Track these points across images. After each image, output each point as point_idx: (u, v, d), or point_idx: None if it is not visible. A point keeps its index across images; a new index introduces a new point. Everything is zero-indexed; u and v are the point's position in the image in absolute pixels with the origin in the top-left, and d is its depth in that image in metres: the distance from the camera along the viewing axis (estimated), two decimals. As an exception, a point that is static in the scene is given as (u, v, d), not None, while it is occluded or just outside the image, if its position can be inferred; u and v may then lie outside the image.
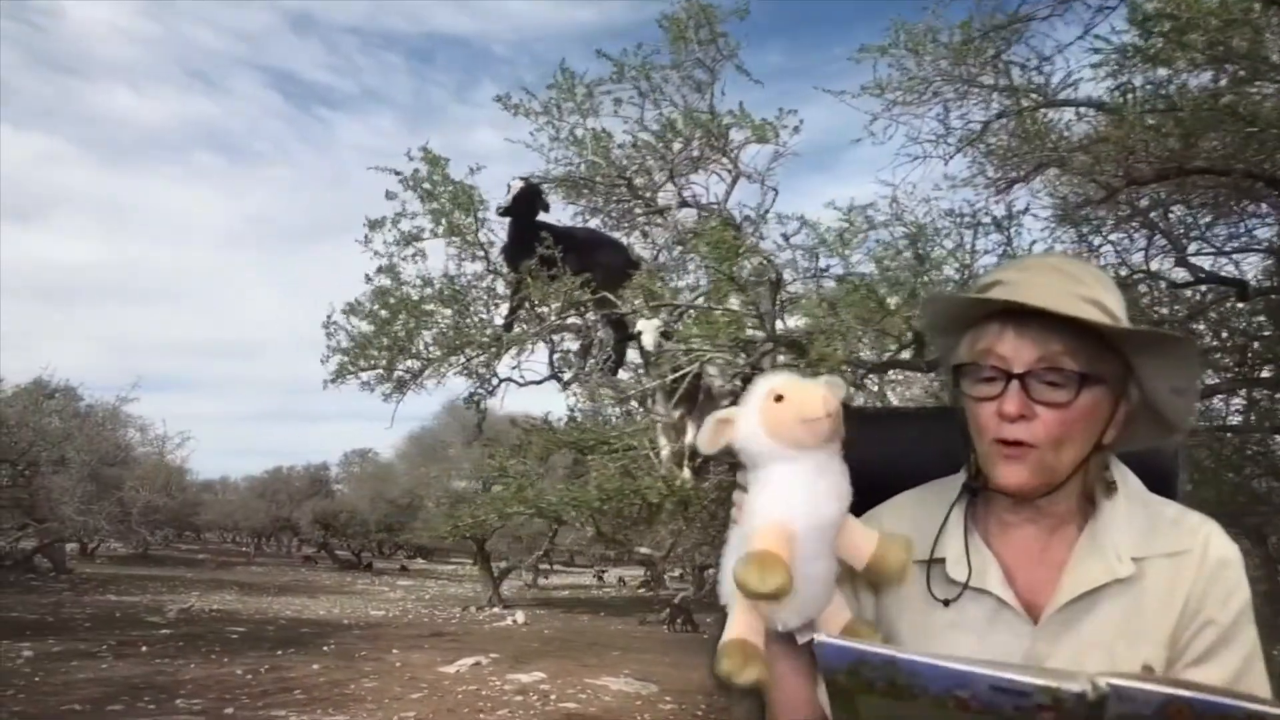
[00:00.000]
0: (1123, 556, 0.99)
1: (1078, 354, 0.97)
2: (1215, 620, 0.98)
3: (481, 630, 15.11)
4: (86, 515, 12.15)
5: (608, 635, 15.34)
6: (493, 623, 16.16)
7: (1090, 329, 0.97)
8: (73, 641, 11.14)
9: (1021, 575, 1.03)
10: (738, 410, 1.07)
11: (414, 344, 4.16)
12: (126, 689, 8.71)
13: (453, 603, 19.37)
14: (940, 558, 1.06)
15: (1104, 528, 1.02)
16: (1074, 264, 1.04)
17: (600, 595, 24.47)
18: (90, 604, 14.65)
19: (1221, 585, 0.99)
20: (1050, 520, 1.04)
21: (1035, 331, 0.97)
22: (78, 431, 11.76)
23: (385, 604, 18.59)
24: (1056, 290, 0.97)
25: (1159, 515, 1.03)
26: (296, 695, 8.98)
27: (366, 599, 19.54)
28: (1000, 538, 1.06)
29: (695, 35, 3.93)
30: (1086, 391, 0.97)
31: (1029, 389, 0.97)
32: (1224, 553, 1.00)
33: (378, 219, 4.49)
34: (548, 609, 19.06)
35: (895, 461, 1.23)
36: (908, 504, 1.14)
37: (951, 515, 1.07)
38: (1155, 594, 0.99)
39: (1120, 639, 0.97)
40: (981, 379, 1.01)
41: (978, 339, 1.02)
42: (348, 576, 25.05)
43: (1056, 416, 0.97)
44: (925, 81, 4.47)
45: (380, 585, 23.27)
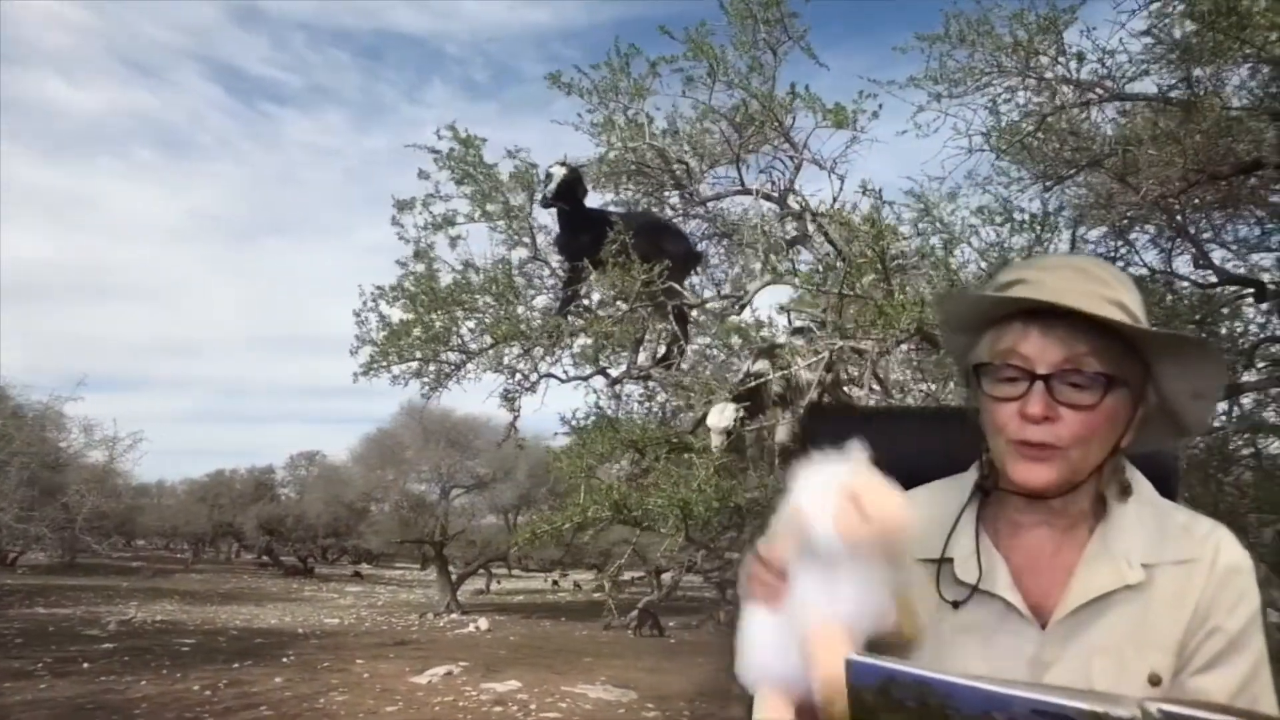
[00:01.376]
0: (1133, 563, 0.98)
1: (1102, 356, 0.95)
2: (1224, 628, 0.96)
3: (445, 638, 14.64)
4: (27, 523, 11.24)
5: (575, 641, 15.06)
6: (455, 630, 15.69)
7: (1113, 330, 0.95)
8: (3, 660, 10.26)
9: (1030, 578, 1.02)
10: (807, 500, 0.98)
11: (455, 334, 3.84)
12: (73, 711, 8.01)
13: (408, 609, 18.78)
14: (949, 558, 1.04)
15: (1115, 532, 1.00)
16: (1096, 264, 1.02)
17: (556, 600, 24.12)
18: (18, 618, 13.65)
19: (1231, 592, 0.98)
20: (1064, 521, 1.02)
21: (1060, 332, 0.95)
22: (15, 433, 10.87)
23: (338, 611, 17.90)
24: (1080, 290, 0.95)
25: (1169, 521, 1.02)
26: (264, 712, 8.44)
27: (317, 606, 18.78)
28: (1010, 539, 1.04)
29: (762, 14, 3.74)
30: (1111, 394, 0.96)
31: (1053, 390, 0.95)
32: (1234, 560, 0.99)
33: (407, 199, 4.17)
34: (506, 615, 18.63)
35: (899, 460, 1.16)
36: (914, 501, 1.07)
37: (963, 515, 1.06)
38: (1164, 602, 0.97)
39: (1128, 646, 0.96)
40: (1003, 379, 0.99)
41: (999, 338, 1.00)
42: (294, 583, 24.11)
43: (1081, 419, 0.95)
44: (980, 72, 4.37)
45: (329, 592, 22.45)
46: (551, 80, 3.96)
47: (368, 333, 3.88)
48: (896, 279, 2.90)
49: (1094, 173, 4.96)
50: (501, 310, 3.78)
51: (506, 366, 4.17)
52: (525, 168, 3.91)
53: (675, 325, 4.11)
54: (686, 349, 4.02)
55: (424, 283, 3.82)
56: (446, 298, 3.76)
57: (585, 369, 4.23)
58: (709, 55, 3.72)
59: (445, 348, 3.85)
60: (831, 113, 3.67)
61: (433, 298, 3.73)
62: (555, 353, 3.75)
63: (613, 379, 4.15)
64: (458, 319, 3.83)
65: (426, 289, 3.76)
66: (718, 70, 3.76)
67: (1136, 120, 4.53)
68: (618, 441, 3.55)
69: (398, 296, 3.85)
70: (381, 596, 21.78)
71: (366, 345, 3.87)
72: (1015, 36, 4.29)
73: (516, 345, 3.89)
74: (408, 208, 4.18)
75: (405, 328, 3.80)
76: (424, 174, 4.19)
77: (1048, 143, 4.52)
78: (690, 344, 4.05)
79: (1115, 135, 4.36)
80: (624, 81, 3.94)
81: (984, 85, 4.39)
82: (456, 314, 3.82)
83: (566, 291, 3.95)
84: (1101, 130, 4.58)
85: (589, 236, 3.81)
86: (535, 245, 4.07)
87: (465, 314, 3.86)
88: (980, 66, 4.43)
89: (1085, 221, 5.36)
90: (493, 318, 3.80)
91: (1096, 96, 4.21)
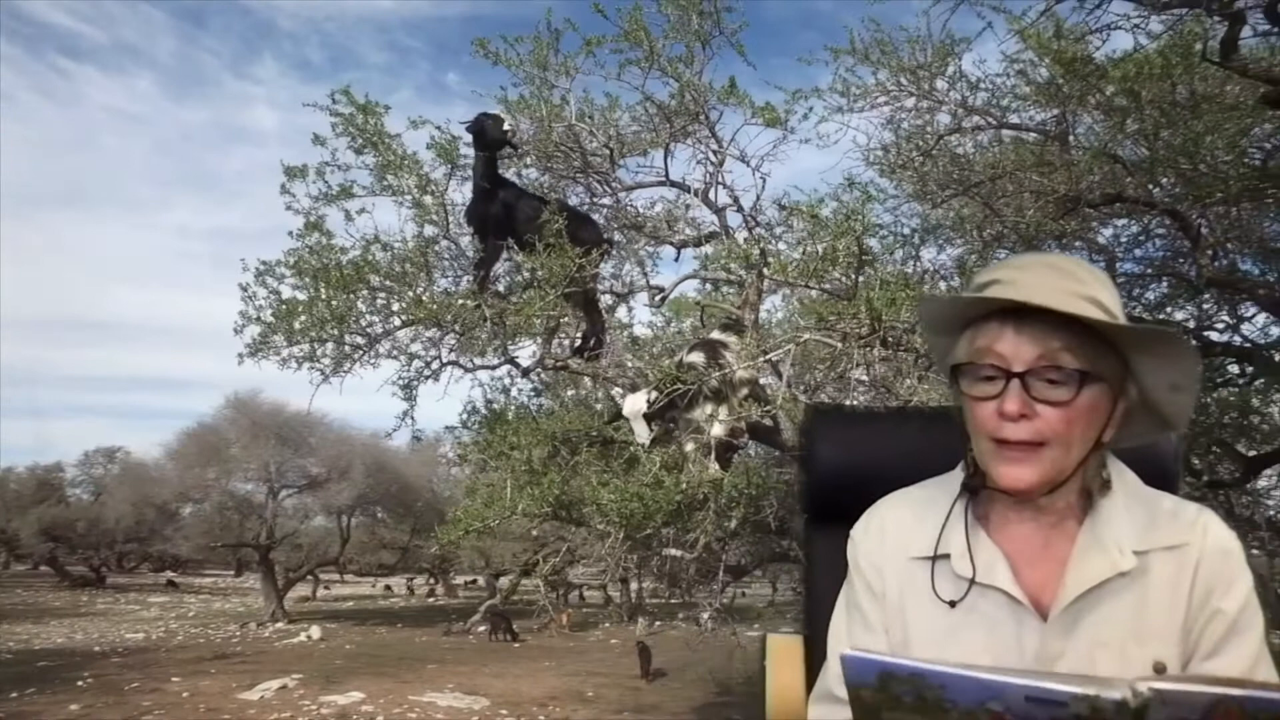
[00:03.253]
0: (1124, 550, 1.00)
1: (1077, 352, 0.97)
2: (1223, 610, 0.99)
3: (274, 649, 13.52)
4: None
5: (416, 648, 14.41)
6: (283, 639, 14.53)
7: (1089, 327, 0.98)
8: None
9: (1026, 571, 1.03)
10: None
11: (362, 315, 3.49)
12: None
13: (226, 619, 17.19)
14: (945, 554, 1.05)
15: (1104, 523, 1.02)
16: (1070, 262, 1.05)
17: (389, 605, 23.03)
18: None
19: (1225, 575, 1.00)
20: (1051, 517, 1.04)
21: (1034, 330, 0.97)
22: None
23: (142, 625, 16.06)
24: (1054, 288, 0.97)
25: (1156, 508, 1.04)
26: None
27: (115, 620, 16.75)
28: (1003, 532, 1.06)
29: (697, 5, 3.71)
30: (1087, 389, 0.97)
31: (1029, 387, 0.97)
32: (1224, 542, 1.01)
33: (297, 166, 3.76)
34: (338, 622, 17.54)
35: (894, 459, 1.26)
36: (908, 500, 1.13)
37: (954, 511, 1.07)
38: (1160, 588, 0.99)
39: (1129, 636, 0.98)
40: (981, 378, 1.00)
41: (976, 338, 1.02)
42: (83, 595, 21.36)
43: (1058, 414, 0.97)
44: (883, 89, 4.59)
45: (129, 604, 20.10)
46: (479, 46, 3.72)
47: (258, 309, 3.45)
48: (870, 270, 2.95)
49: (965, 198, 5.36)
50: (413, 291, 3.48)
51: (406, 352, 3.86)
52: (447, 140, 3.64)
53: (586, 314, 3.99)
54: (605, 339, 3.90)
55: (327, 256, 3.45)
56: (351, 275, 3.41)
57: (493, 357, 4.01)
58: (646, 40, 3.63)
59: (349, 329, 3.49)
60: (762, 111, 3.70)
61: (339, 274, 3.37)
62: (477, 338, 3.51)
63: (524, 368, 3.96)
64: (360, 299, 3.49)
65: (335, 264, 3.39)
66: (655, 57, 3.68)
67: (1011, 150, 4.93)
68: (539, 434, 3.38)
69: (300, 270, 3.44)
70: (192, 606, 19.80)
71: (253, 324, 3.44)
72: (916, 59, 4.55)
73: (423, 329, 3.61)
74: (299, 175, 3.78)
75: (306, 305, 3.41)
76: (319, 139, 3.81)
77: (930, 165, 4.85)
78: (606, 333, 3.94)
79: (989, 162, 4.75)
80: (552, 58, 3.79)
81: (880, 104, 4.64)
82: (360, 293, 3.48)
83: (480, 271, 3.71)
84: (976, 158, 4.98)
85: (504, 210, 3.60)
86: (447, 223, 3.80)
87: (370, 294, 3.53)
88: (884, 84, 4.65)
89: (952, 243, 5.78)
90: (406, 299, 3.49)
91: (987, 124, 4.54)
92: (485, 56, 3.75)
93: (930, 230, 5.56)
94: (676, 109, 3.90)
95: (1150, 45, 3.97)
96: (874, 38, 4.56)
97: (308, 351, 3.57)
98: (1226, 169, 4.42)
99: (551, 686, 10.99)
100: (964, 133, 4.78)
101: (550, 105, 3.90)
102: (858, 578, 1.11)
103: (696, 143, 4.03)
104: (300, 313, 3.47)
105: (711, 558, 3.85)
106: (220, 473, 16.22)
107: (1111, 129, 4.77)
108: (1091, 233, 5.69)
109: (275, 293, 3.54)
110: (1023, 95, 4.90)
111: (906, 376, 2.99)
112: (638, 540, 3.19)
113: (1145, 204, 4.35)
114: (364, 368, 3.65)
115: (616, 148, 4.06)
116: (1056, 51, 4.35)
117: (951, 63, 4.52)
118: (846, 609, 1.12)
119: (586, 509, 3.10)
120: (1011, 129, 4.72)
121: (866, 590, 1.10)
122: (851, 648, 1.02)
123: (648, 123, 3.99)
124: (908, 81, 4.66)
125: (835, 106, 4.84)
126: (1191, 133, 4.20)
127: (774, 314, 5.00)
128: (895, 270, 4.20)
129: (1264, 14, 3.51)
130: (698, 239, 4.26)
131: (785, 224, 3.91)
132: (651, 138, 3.99)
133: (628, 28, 3.68)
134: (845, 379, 3.82)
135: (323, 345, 3.55)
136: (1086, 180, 4.37)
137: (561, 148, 4.02)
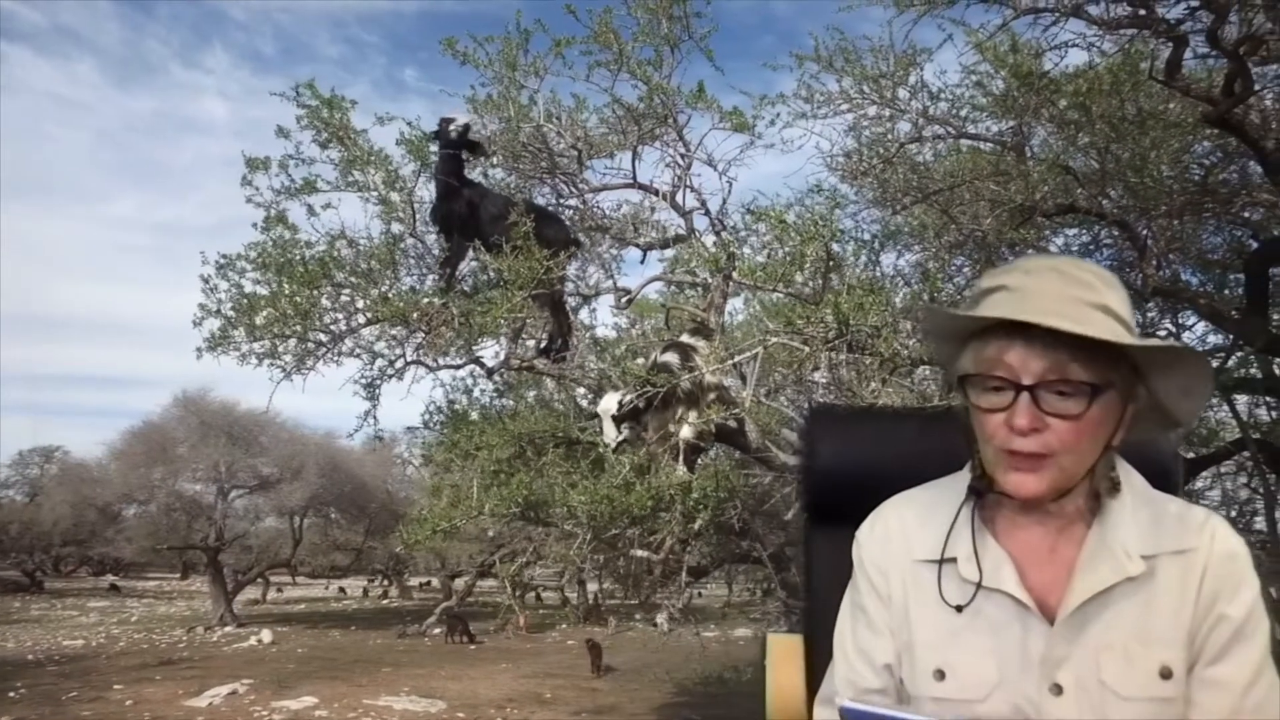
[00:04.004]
0: (1132, 555, 0.99)
1: (1087, 363, 0.95)
2: (1229, 615, 0.98)
3: (222, 654, 13.17)
4: None
5: (370, 651, 14.17)
6: (233, 644, 14.17)
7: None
8: None
9: (1033, 574, 1.02)
10: None
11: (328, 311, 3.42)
12: None
13: (171, 624, 16.69)
14: (951, 557, 1.04)
15: (1112, 526, 1.01)
16: (1079, 267, 1.01)
17: (343, 608, 22.59)
18: None
19: (1231, 580, 0.99)
20: (1059, 520, 1.03)
21: (1043, 341, 0.94)
22: None
23: (81, 631, 15.50)
24: (1062, 296, 0.95)
25: (1163, 512, 1.03)
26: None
27: (51, 627, 16.15)
28: (1010, 536, 1.05)
29: (667, 9, 3.73)
30: (1098, 401, 0.95)
31: (1039, 400, 0.95)
32: (1230, 547, 1.00)
33: (259, 158, 3.69)
34: (290, 625, 17.16)
35: (895, 459, 1.26)
36: (913, 502, 1.12)
37: (960, 514, 1.06)
38: (1167, 593, 0.99)
39: (1135, 640, 0.97)
40: (989, 389, 0.98)
41: (983, 348, 0.99)
42: (16, 601, 20.52)
43: (1068, 427, 0.95)
44: (846, 97, 4.68)
45: (66, 609, 19.38)
46: (447, 45, 3.69)
47: (217, 303, 3.36)
48: (834, 276, 3.00)
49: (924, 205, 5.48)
50: (378, 289, 3.44)
51: (370, 351, 3.81)
52: (417, 137, 3.60)
53: (553, 315, 3.98)
54: (572, 340, 3.90)
55: (290, 250, 3.38)
56: (316, 271, 3.35)
57: (457, 357, 3.98)
58: (616, 42, 3.64)
59: (312, 326, 3.43)
60: (731, 115, 3.73)
61: (304, 270, 3.31)
62: (442, 336, 3.47)
63: (489, 369, 3.93)
64: (325, 295, 3.43)
65: (300, 259, 3.33)
66: (624, 60, 3.69)
67: (969, 159, 5.06)
68: (506, 435, 3.36)
69: (264, 265, 3.36)
70: (135, 611, 19.18)
71: (212, 317, 3.35)
72: (879, 68, 4.65)
73: (388, 327, 3.56)
74: (261, 167, 3.70)
75: (269, 300, 3.34)
76: (283, 131, 3.74)
77: (891, 173, 4.96)
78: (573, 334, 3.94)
79: (948, 171, 4.88)
80: (521, 58, 3.77)
81: (843, 111, 4.73)
82: (325, 289, 3.42)
83: (446, 270, 3.68)
84: (935, 167, 5.10)
85: (469, 209, 3.58)
86: (414, 221, 3.76)
87: (335, 290, 3.47)
88: (848, 91, 4.74)
89: (911, 249, 5.91)
90: (372, 296, 3.44)
91: (946, 133, 4.66)
92: (454, 56, 3.73)
93: (891, 236, 5.69)
94: (645, 112, 3.92)
95: (1101, 63, 4.11)
96: (838, 45, 4.65)
97: (269, 348, 3.50)
98: (1170, 183, 4.60)
99: (509, 688, 10.90)
100: (924, 141, 4.90)
101: (518, 105, 3.88)
102: (863, 580, 1.10)
103: (664, 146, 4.06)
104: (262, 308, 3.40)
105: (674, 559, 3.87)
106: (167, 473, 15.74)
107: (1065, 142, 4.93)
108: (1044, 241, 5.87)
109: (237, 286, 3.46)
110: (980, 106, 5.04)
111: (870, 380, 3.05)
112: (604, 541, 3.20)
113: (1096, 215, 4.51)
114: (327, 365, 3.59)
115: (584, 149, 4.06)
116: (1012, 65, 4.49)
117: (913, 73, 4.63)
118: (852, 611, 1.11)
119: (554, 510, 3.09)
120: (970, 139, 4.85)
121: (871, 592, 1.09)
122: (850, 680, 1.06)
123: (616, 125, 4.00)
124: (870, 89, 4.75)
125: (799, 112, 4.92)
126: (1139, 147, 4.36)
127: (735, 316, 5.06)
128: (859, 275, 4.29)
129: (1205, 38, 3.67)
130: (664, 241, 4.29)
131: (751, 228, 3.96)
132: (619, 140, 4.00)
133: (598, 30, 3.69)
134: (804, 381, 3.88)
135: (285, 342, 3.48)
136: (1041, 190, 4.51)
137: (529, 148, 4.01)
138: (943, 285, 4.66)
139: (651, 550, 3.29)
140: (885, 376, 3.13)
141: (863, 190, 5.66)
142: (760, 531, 4.20)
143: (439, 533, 3.17)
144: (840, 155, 4.98)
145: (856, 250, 4.14)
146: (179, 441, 15.73)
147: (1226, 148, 4.63)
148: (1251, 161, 4.44)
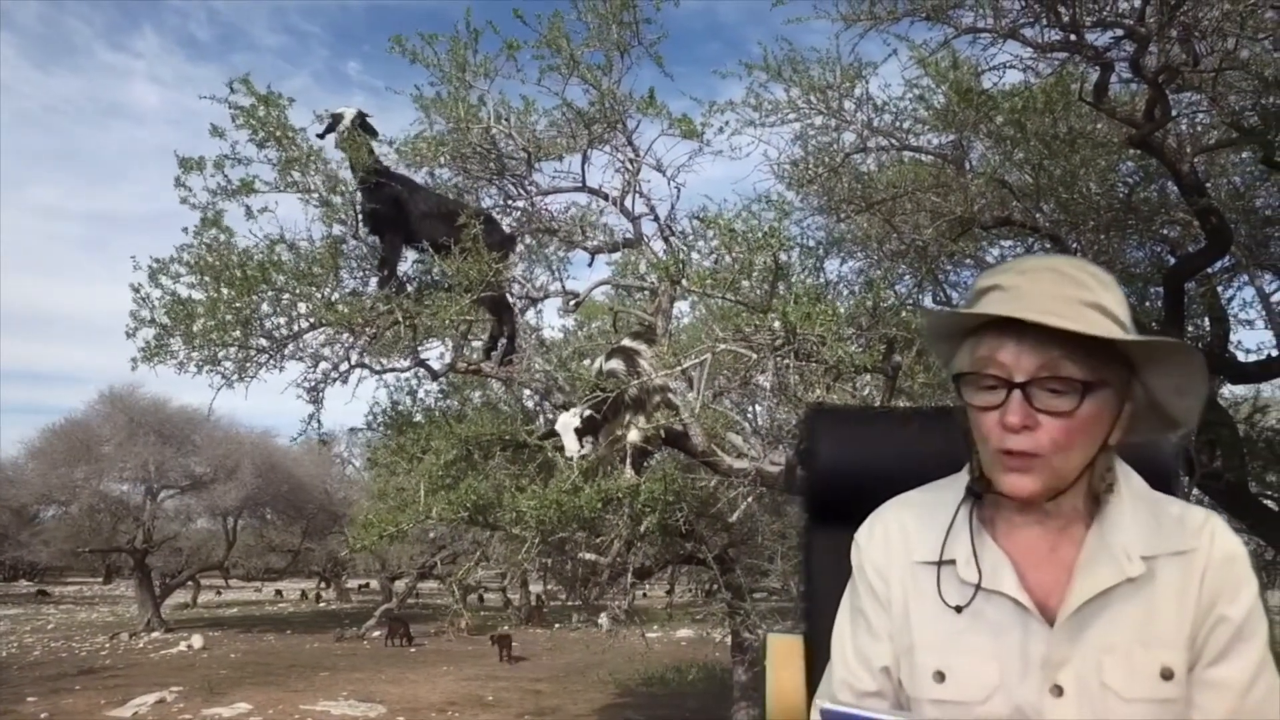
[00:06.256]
0: (1132, 556, 0.99)
1: (1080, 360, 0.95)
2: (1229, 617, 0.98)
3: (149, 661, 12.71)
4: None
5: (307, 655, 13.85)
6: (160, 650, 13.67)
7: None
8: None
9: (1032, 575, 1.02)
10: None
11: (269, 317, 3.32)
12: None
13: (92, 630, 15.99)
14: (951, 559, 1.04)
15: (1111, 527, 1.02)
16: (1074, 265, 1.02)
17: (278, 611, 22.00)
18: None
19: (1231, 581, 0.99)
20: (1058, 521, 1.03)
21: (1036, 339, 0.95)
22: None
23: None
24: (1056, 295, 0.96)
25: (1163, 513, 1.03)
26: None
27: (-44, 637, 15.32)
28: (1009, 537, 1.05)
29: (617, 15, 3.73)
30: (1090, 398, 0.96)
31: (1031, 398, 0.95)
32: (1230, 548, 1.01)
33: (193, 158, 3.55)
34: (223, 630, 16.65)
35: (894, 459, 1.27)
36: (912, 504, 1.12)
37: (959, 515, 1.06)
38: (1167, 594, 0.99)
39: (1135, 642, 0.97)
40: (983, 388, 0.99)
41: (977, 347, 1.00)
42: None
43: (1060, 425, 0.96)
44: (793, 106, 4.76)
45: (-29, 617, 18.41)
46: (395, 43, 3.62)
47: (151, 310, 3.23)
48: (780, 284, 3.05)
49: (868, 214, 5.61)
50: (321, 293, 3.35)
51: (313, 355, 3.73)
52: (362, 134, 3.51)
53: (498, 317, 3.94)
54: (518, 342, 3.87)
55: (227, 254, 3.27)
56: (256, 276, 3.25)
57: (400, 359, 3.92)
58: (567, 46, 3.63)
59: (253, 333, 3.33)
60: (680, 122, 3.76)
61: (242, 274, 3.20)
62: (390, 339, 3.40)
63: (435, 371, 3.88)
64: (265, 300, 3.33)
65: (237, 263, 3.22)
66: (575, 64, 3.68)
67: (911, 171, 5.20)
68: (453, 438, 3.32)
69: (199, 269, 3.24)
70: (52, 618, 18.31)
71: (146, 326, 3.22)
72: (825, 79, 4.74)
73: (331, 331, 3.48)
74: (195, 168, 3.57)
75: (207, 306, 3.22)
76: (217, 130, 3.61)
77: (836, 181, 5.06)
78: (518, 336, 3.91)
79: (890, 181, 5.01)
80: (471, 58, 3.72)
81: (790, 120, 4.81)
82: (266, 295, 3.31)
83: (384, 270, 3.60)
84: (878, 177, 5.23)
85: (395, 206, 3.51)
86: (356, 223, 3.68)
87: (275, 295, 3.37)
88: (795, 101, 4.82)
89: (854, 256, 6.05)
90: (315, 301, 3.35)
91: (890, 144, 4.77)
92: (402, 54, 3.67)
93: (835, 243, 5.81)
94: (595, 116, 3.92)
95: (1035, 83, 4.27)
96: (786, 56, 4.72)
97: (208, 355, 3.38)
98: (1098, 199, 4.81)
99: (450, 691, 10.79)
100: (868, 152, 5.01)
101: (467, 106, 3.84)
102: (862, 584, 1.09)
103: (614, 150, 4.06)
104: (200, 314, 3.28)
105: (620, 560, 3.89)
106: (90, 472, 15.03)
107: (1001, 157, 5.11)
108: (981, 252, 6.07)
109: (171, 293, 3.34)
110: (922, 120, 5.18)
111: (815, 386, 3.11)
112: (551, 544, 3.19)
113: (1030, 228, 4.67)
114: (270, 371, 3.49)
115: (533, 151, 4.04)
116: (953, 81, 4.63)
117: (859, 85, 4.73)
118: (851, 614, 1.11)
119: (503, 514, 3.07)
120: (912, 150, 4.98)
121: (871, 595, 1.08)
122: (841, 682, 1.05)
123: (565, 128, 3.99)
124: (817, 100, 4.83)
125: (747, 120, 4.98)
126: (1070, 164, 4.55)
127: (681, 319, 5.10)
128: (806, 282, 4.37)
129: (1129, 65, 3.85)
130: (612, 245, 4.29)
131: (700, 234, 3.99)
132: (569, 143, 3.99)
133: (548, 35, 3.67)
134: (749, 386, 3.94)
135: (226, 349, 3.37)
136: (979, 203, 4.66)
137: (479, 150, 3.96)
138: (886, 293, 4.79)
139: (599, 553, 3.30)
140: (829, 383, 3.20)
141: (808, 198, 5.77)
142: (705, 533, 4.25)
143: (385, 537, 3.12)
144: (787, 163, 5.07)
145: (803, 257, 4.21)
146: (104, 440, 15.05)
147: (1148, 169, 4.86)
148: (1169, 182, 4.67)
